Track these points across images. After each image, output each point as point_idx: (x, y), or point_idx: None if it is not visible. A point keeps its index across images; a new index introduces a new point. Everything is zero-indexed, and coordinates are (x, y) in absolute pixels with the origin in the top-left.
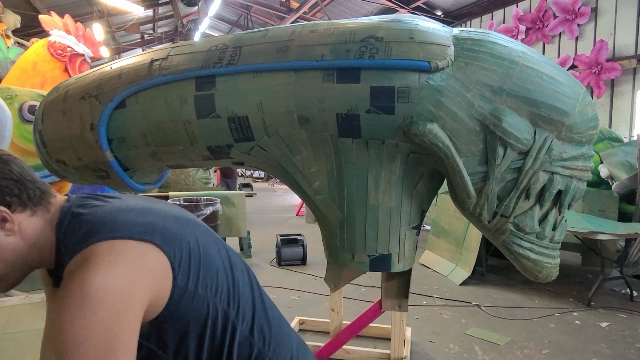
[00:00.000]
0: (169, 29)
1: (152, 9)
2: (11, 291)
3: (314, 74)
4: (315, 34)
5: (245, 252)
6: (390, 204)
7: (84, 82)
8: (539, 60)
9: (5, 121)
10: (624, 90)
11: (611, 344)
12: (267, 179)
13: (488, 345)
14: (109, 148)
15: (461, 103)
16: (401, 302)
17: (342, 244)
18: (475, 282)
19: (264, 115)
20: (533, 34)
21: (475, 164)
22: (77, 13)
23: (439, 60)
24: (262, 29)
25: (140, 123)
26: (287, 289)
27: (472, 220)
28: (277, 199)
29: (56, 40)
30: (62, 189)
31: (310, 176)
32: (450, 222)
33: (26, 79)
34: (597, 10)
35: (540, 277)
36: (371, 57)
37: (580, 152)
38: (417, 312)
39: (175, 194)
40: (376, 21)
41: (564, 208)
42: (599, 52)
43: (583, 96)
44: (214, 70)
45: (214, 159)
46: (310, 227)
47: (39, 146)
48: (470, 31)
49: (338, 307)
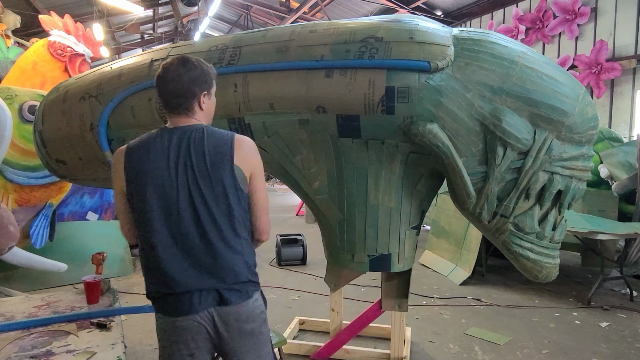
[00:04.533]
0: (168, 29)
1: (152, 9)
2: (11, 291)
3: (314, 74)
4: (315, 34)
5: None
6: (390, 204)
7: (84, 83)
8: (538, 61)
9: (5, 121)
10: (624, 90)
11: (611, 344)
12: (267, 179)
13: (488, 345)
14: (109, 148)
15: (461, 103)
16: (401, 302)
17: (342, 244)
18: (475, 282)
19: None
20: (533, 34)
21: (475, 164)
22: (77, 13)
23: (439, 60)
24: (262, 29)
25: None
26: (287, 289)
27: (472, 220)
28: (277, 199)
29: (56, 40)
30: (62, 189)
31: (310, 176)
32: (450, 222)
33: (26, 79)
34: (597, 10)
35: (540, 277)
36: (371, 57)
37: (580, 152)
38: (417, 312)
39: None
40: (376, 21)
41: (563, 208)
42: (599, 52)
43: (583, 96)
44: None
45: None
46: (310, 227)
47: (38, 146)
48: (470, 31)
49: (338, 307)
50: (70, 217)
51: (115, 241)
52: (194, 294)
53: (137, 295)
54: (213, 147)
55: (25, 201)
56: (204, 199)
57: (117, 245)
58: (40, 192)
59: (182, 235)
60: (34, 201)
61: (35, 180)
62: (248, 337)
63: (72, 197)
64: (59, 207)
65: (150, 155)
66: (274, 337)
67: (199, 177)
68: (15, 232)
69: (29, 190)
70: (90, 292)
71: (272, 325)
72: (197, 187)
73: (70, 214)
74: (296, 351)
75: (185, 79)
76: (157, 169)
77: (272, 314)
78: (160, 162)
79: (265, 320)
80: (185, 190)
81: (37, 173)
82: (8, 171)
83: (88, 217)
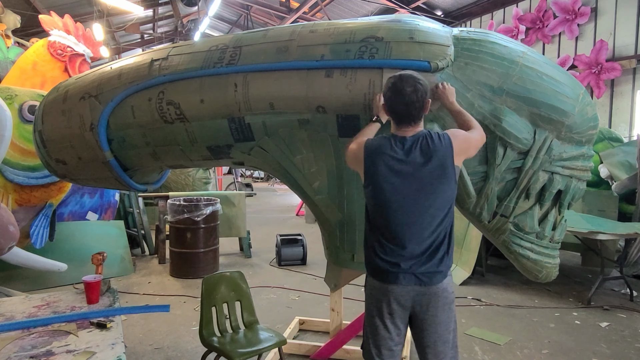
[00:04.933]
0: (168, 29)
1: (152, 9)
2: (11, 291)
3: (314, 74)
4: (315, 34)
5: (245, 252)
6: None
7: (84, 82)
8: (538, 60)
9: (5, 121)
10: (624, 90)
11: (611, 344)
12: (267, 179)
13: (488, 345)
14: (109, 148)
15: (461, 103)
16: None
17: (342, 244)
18: (475, 282)
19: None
20: (533, 34)
21: (475, 163)
22: (77, 13)
23: (439, 60)
24: (262, 29)
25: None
26: (287, 289)
27: (472, 220)
28: (277, 199)
29: (56, 40)
30: (62, 189)
31: (310, 176)
32: None
33: (26, 79)
34: (597, 10)
35: (540, 277)
36: (371, 57)
37: (580, 152)
38: None
39: (175, 194)
40: (376, 21)
41: (563, 208)
42: (599, 52)
43: (583, 96)
44: (214, 70)
45: (214, 158)
46: (310, 227)
47: (38, 146)
48: (470, 31)
49: (338, 307)
50: (70, 217)
51: (115, 241)
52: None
53: (137, 295)
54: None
55: (25, 201)
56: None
57: (117, 245)
58: (40, 192)
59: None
60: (34, 201)
61: (35, 180)
62: None
63: (72, 197)
64: (59, 207)
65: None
66: (273, 337)
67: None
68: (15, 232)
69: (29, 190)
70: (90, 292)
71: (272, 325)
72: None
73: (70, 214)
74: (296, 351)
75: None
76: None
77: (272, 314)
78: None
79: None
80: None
81: (37, 173)
82: (8, 171)
83: (88, 217)
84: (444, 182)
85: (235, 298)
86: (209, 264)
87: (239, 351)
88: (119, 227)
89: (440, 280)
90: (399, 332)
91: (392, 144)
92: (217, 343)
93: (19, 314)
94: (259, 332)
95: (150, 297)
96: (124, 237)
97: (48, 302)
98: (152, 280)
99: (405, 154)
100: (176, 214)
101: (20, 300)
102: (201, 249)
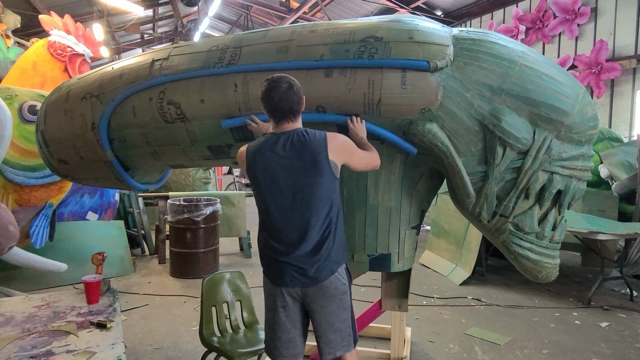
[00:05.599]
0: (169, 29)
1: (152, 9)
2: (11, 291)
3: (314, 73)
4: (315, 34)
5: (245, 252)
6: (390, 203)
7: (86, 82)
8: (538, 60)
9: (5, 121)
10: (624, 90)
11: (611, 344)
12: None
13: (488, 345)
14: (110, 148)
15: (460, 103)
16: (401, 302)
17: None
18: (475, 282)
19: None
20: (533, 34)
21: (475, 163)
22: (77, 13)
23: (438, 60)
24: (262, 29)
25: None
26: None
27: (472, 220)
28: None
29: (56, 40)
30: (62, 189)
31: None
32: (450, 222)
33: (26, 79)
34: (597, 10)
35: (540, 277)
36: (370, 56)
37: (579, 151)
38: (417, 312)
39: (175, 194)
40: (376, 21)
41: (563, 208)
42: (599, 52)
43: (582, 96)
44: (214, 70)
45: (214, 158)
46: None
47: (41, 146)
48: (469, 31)
49: None
50: (70, 217)
51: (115, 241)
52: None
53: (137, 295)
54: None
55: (25, 201)
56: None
57: (117, 245)
58: (40, 192)
59: None
60: (34, 201)
61: (35, 180)
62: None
63: (72, 197)
64: (59, 207)
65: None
66: None
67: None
68: (15, 232)
69: (29, 190)
70: (90, 292)
71: None
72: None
73: (70, 214)
74: None
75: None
76: None
77: None
78: None
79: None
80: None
81: (37, 173)
82: (8, 171)
83: (88, 217)
84: (317, 176)
85: (235, 298)
86: (209, 264)
87: (239, 351)
88: (119, 227)
89: (327, 276)
90: (294, 324)
91: (271, 142)
92: (217, 343)
93: (19, 314)
94: (259, 332)
95: (150, 297)
96: (124, 237)
97: (48, 302)
98: (152, 280)
99: (282, 149)
100: (176, 214)
101: (20, 300)
102: (201, 249)
